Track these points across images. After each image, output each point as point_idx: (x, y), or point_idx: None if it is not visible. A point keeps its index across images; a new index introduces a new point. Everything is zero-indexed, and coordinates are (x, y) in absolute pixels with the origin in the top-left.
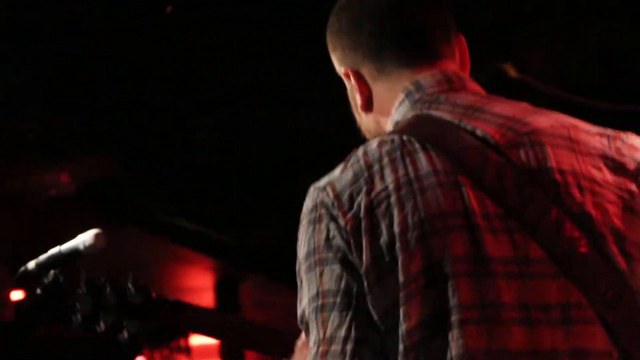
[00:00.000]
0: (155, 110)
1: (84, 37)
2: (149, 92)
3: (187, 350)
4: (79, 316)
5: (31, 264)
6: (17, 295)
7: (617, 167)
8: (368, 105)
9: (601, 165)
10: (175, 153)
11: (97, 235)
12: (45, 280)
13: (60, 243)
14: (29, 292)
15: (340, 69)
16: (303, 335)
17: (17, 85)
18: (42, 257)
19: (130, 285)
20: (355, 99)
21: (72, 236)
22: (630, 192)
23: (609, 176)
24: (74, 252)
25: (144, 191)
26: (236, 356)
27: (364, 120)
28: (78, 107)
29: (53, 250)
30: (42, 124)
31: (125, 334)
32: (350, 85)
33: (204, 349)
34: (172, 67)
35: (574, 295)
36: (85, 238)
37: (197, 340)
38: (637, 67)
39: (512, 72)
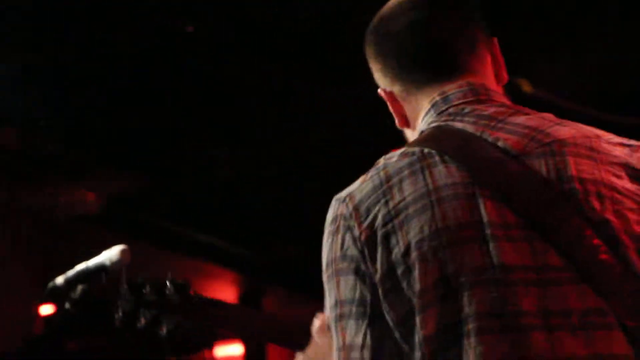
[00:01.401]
0: (178, 132)
1: (111, 63)
2: (171, 116)
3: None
4: (120, 313)
5: (59, 280)
6: (46, 309)
7: (638, 175)
8: (404, 122)
9: (622, 173)
10: (198, 171)
11: (122, 252)
12: (74, 295)
13: (87, 259)
14: (58, 307)
15: (381, 88)
16: (318, 321)
17: (47, 112)
18: (70, 272)
19: (168, 283)
20: (393, 114)
21: (98, 252)
22: None
23: (629, 184)
24: (101, 268)
25: (167, 208)
26: None
27: (406, 134)
28: (102, 133)
29: (80, 266)
30: (69, 148)
31: (164, 330)
32: (389, 105)
33: (229, 359)
34: (192, 91)
35: (594, 301)
36: (111, 254)
37: (221, 351)
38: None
39: (526, 87)
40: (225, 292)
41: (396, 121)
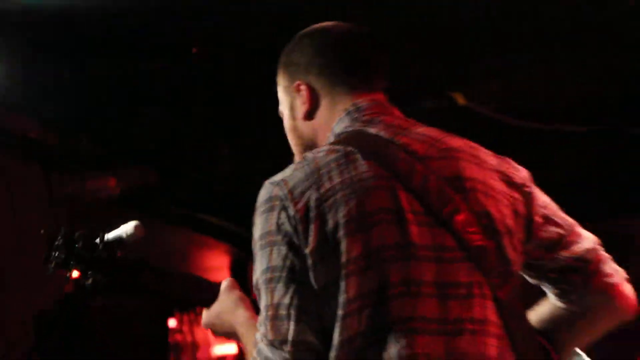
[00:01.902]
0: (180, 133)
1: (132, 74)
2: (179, 118)
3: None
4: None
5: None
6: (75, 274)
7: (507, 180)
8: (309, 115)
9: (497, 178)
10: (198, 165)
11: (136, 227)
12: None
13: (108, 231)
14: (82, 273)
15: (290, 83)
16: (225, 282)
17: (78, 114)
18: (95, 240)
19: (98, 241)
20: (298, 108)
21: (117, 227)
22: (515, 199)
23: (502, 187)
24: (118, 240)
25: (172, 194)
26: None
27: (300, 126)
28: (121, 133)
29: (106, 235)
30: (95, 144)
31: (90, 280)
32: (295, 97)
33: None
34: (194, 97)
35: (477, 277)
36: (127, 228)
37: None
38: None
39: (460, 100)
40: (220, 260)
41: (298, 113)
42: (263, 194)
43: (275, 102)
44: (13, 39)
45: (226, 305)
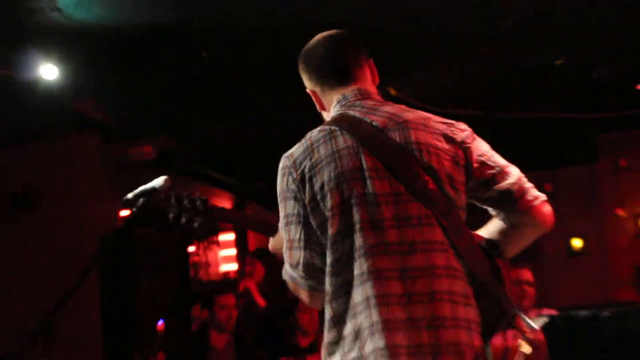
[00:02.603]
0: (195, 112)
1: (161, 75)
2: (192, 104)
3: (217, 242)
4: (170, 215)
5: (130, 194)
6: (123, 212)
7: (450, 139)
8: (322, 108)
9: (441, 139)
10: (206, 135)
11: (165, 180)
12: (138, 204)
13: (145, 183)
14: (131, 210)
15: (308, 89)
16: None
17: (124, 101)
18: (136, 190)
19: (197, 198)
20: (315, 104)
21: (151, 180)
22: (457, 154)
23: (446, 145)
24: (153, 188)
25: (191, 157)
26: (242, 244)
27: (323, 115)
28: (153, 112)
29: (141, 187)
30: (136, 121)
31: (196, 225)
32: (312, 98)
33: (226, 241)
34: (205, 88)
35: (424, 211)
36: (158, 181)
37: (222, 237)
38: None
39: (392, 92)
40: (222, 203)
41: (317, 107)
42: (280, 164)
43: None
44: (87, 49)
45: (280, 238)
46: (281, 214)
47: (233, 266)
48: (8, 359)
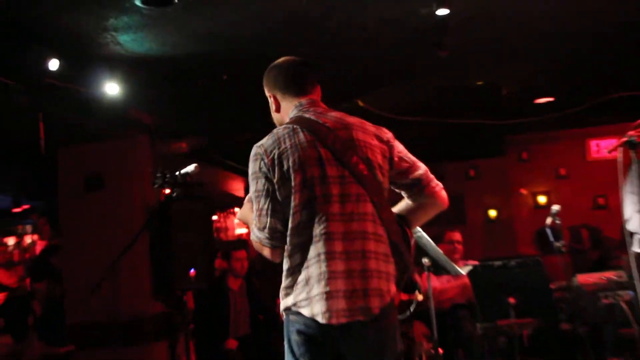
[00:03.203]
0: (219, 118)
1: (195, 91)
2: (216, 114)
3: (233, 212)
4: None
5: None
6: (166, 191)
7: (379, 139)
8: (277, 110)
9: (374, 138)
10: (225, 136)
11: (196, 166)
12: (176, 184)
13: (181, 169)
14: (170, 189)
15: (267, 93)
16: (246, 199)
17: (169, 110)
18: (175, 174)
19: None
20: (271, 106)
21: (186, 166)
22: (384, 148)
23: (376, 142)
24: (187, 173)
25: (215, 149)
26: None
27: (275, 116)
28: (189, 118)
29: (178, 172)
30: (177, 125)
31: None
32: (270, 101)
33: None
34: (225, 100)
35: (361, 190)
36: (191, 167)
37: (237, 209)
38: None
39: (360, 103)
40: (237, 185)
41: (273, 107)
42: (252, 152)
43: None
44: (139, 72)
45: (246, 207)
46: (252, 189)
47: (244, 230)
48: (92, 289)
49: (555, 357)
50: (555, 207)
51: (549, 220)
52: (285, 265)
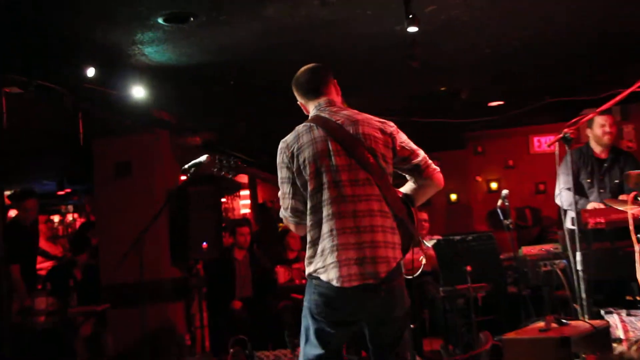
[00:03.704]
0: (225, 118)
1: (206, 95)
2: (222, 115)
3: (239, 195)
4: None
5: (186, 166)
6: (183, 177)
7: (383, 131)
8: (307, 112)
9: (378, 131)
10: (230, 132)
11: (207, 157)
12: (191, 171)
13: (195, 159)
14: (186, 175)
15: (298, 101)
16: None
17: (187, 111)
18: (189, 163)
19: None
20: (304, 111)
21: (199, 156)
22: (387, 140)
23: (381, 135)
24: (200, 162)
25: (222, 143)
26: (253, 196)
27: (306, 114)
28: (201, 117)
29: (193, 161)
30: (192, 121)
31: (230, 176)
32: (299, 106)
33: (244, 195)
34: (232, 104)
35: (367, 176)
36: (203, 157)
37: (242, 192)
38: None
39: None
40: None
41: (305, 112)
42: (279, 146)
43: (261, 105)
44: (162, 78)
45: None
46: (279, 177)
47: (247, 210)
48: (122, 257)
49: (503, 314)
50: (505, 192)
51: (499, 203)
52: (308, 239)
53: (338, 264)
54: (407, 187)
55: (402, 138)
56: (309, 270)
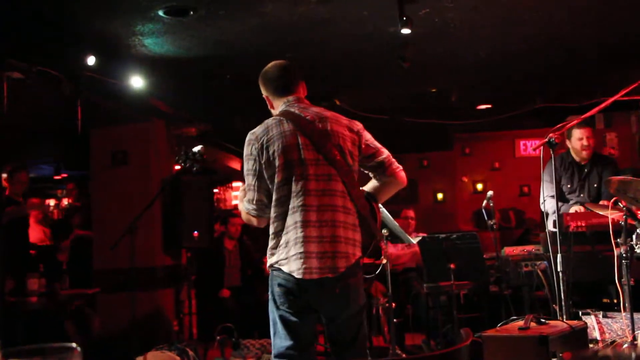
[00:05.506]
0: (221, 110)
1: (204, 88)
2: (217, 105)
3: (231, 186)
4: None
5: (182, 156)
6: (177, 167)
7: (350, 129)
8: (272, 107)
9: (346, 129)
10: (227, 123)
11: (201, 147)
12: (186, 160)
13: (189, 149)
14: (180, 164)
15: (263, 95)
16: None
17: (184, 103)
18: (183, 153)
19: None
20: (268, 104)
21: (195, 146)
22: (354, 138)
23: (348, 133)
24: (196, 152)
25: (217, 134)
26: None
27: (272, 112)
28: (197, 108)
29: (188, 150)
30: (189, 115)
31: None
32: (265, 99)
33: (236, 186)
34: (226, 95)
35: (333, 171)
36: (198, 148)
37: (234, 184)
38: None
39: (337, 102)
40: (236, 164)
41: (269, 106)
42: (247, 138)
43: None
44: (160, 69)
45: (242, 194)
46: (245, 168)
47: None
48: (115, 243)
49: (484, 312)
50: (490, 193)
51: (484, 203)
52: (271, 231)
53: (300, 255)
54: (371, 185)
55: (368, 136)
56: (270, 261)
